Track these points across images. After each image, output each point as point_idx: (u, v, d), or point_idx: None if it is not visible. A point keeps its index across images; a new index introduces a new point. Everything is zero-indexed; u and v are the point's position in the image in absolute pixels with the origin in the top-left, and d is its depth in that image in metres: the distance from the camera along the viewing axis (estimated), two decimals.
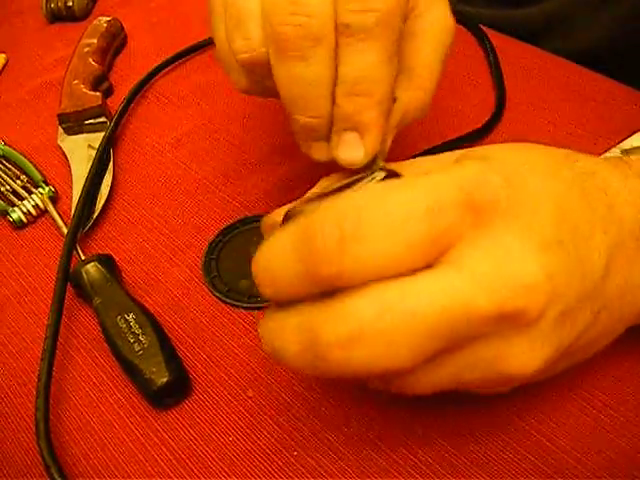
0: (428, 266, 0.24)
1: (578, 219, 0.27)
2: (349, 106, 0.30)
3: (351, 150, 0.31)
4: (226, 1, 0.33)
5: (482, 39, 0.55)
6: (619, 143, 0.42)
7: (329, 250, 0.23)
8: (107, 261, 0.41)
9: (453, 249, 0.24)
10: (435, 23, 0.35)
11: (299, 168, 0.47)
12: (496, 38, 0.55)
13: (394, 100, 0.32)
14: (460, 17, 0.56)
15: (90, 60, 0.57)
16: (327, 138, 0.32)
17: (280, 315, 0.26)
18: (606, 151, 0.42)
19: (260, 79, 0.33)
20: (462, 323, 0.23)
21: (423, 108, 0.34)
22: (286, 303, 0.26)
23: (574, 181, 0.28)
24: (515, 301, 0.24)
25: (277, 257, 0.25)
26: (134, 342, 0.36)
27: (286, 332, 0.26)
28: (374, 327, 0.23)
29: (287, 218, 0.30)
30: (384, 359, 0.24)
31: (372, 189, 0.27)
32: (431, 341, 0.24)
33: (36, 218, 0.47)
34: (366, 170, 0.31)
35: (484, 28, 0.56)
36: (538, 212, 0.26)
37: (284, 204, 0.32)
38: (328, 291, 0.24)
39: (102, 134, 0.50)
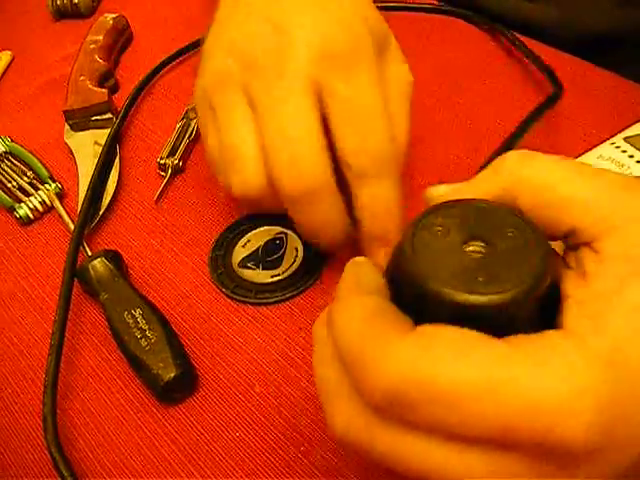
0: None
1: None
2: (377, 230, 0.34)
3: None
4: (220, 130, 0.35)
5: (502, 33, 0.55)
6: (622, 131, 0.42)
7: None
8: (114, 257, 0.41)
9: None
10: (400, 79, 0.37)
11: None
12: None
13: None
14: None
15: (96, 57, 0.57)
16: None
17: None
18: (609, 139, 0.42)
19: (254, 204, 0.36)
20: None
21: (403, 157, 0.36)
22: None
23: None
24: None
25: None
26: (141, 338, 0.36)
27: None
28: None
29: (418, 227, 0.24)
30: None
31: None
32: None
33: (43, 214, 0.47)
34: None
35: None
36: None
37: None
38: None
39: (108, 130, 0.50)
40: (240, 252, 0.42)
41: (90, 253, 0.42)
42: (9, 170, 0.50)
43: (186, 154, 0.49)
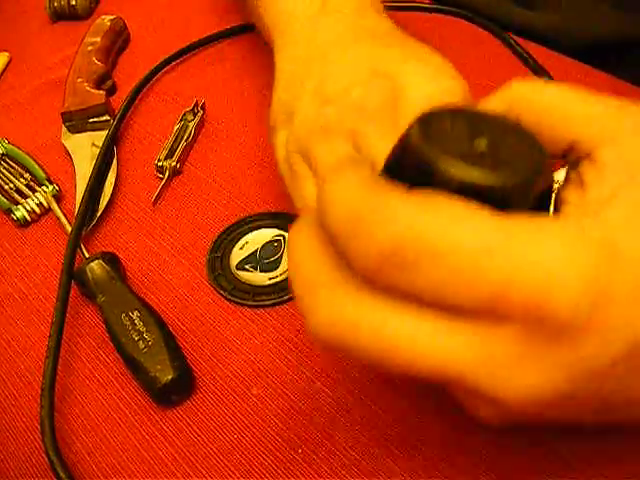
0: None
1: None
2: None
3: None
4: None
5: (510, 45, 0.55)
6: None
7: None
8: (111, 259, 0.41)
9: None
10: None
11: None
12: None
13: None
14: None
15: (94, 59, 0.57)
16: None
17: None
18: None
19: None
20: None
21: None
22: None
23: None
24: None
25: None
26: (138, 340, 0.36)
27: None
28: None
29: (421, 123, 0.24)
30: None
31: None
32: None
33: (40, 216, 0.47)
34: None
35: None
36: None
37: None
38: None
39: (106, 132, 0.50)
40: (238, 254, 0.42)
41: (87, 255, 0.42)
42: (6, 172, 0.50)
43: (183, 156, 0.49)
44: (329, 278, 0.22)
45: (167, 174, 0.47)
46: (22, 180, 0.49)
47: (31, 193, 0.48)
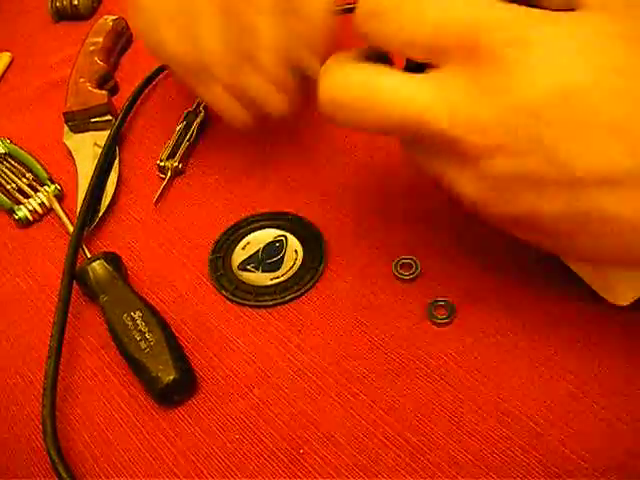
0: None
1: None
2: None
3: None
4: None
5: None
6: None
7: None
8: (113, 259, 0.41)
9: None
10: None
11: (304, 168, 0.47)
12: None
13: None
14: None
15: (96, 59, 0.57)
16: None
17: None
18: None
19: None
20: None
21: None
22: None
23: None
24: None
25: None
26: (140, 340, 0.36)
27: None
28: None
29: None
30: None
31: None
32: None
33: (42, 216, 0.47)
34: None
35: None
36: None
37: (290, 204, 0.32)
38: None
39: (108, 132, 0.51)
40: (240, 254, 0.42)
41: (89, 255, 0.42)
42: (8, 172, 0.50)
43: (185, 156, 0.49)
44: (343, 59, 0.30)
45: (169, 174, 0.47)
46: (24, 180, 0.49)
47: (33, 193, 0.48)
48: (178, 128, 0.50)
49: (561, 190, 0.25)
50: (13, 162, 0.51)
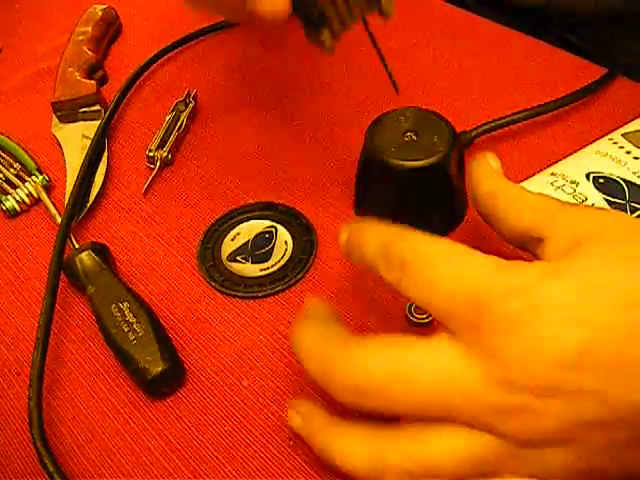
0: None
1: None
2: None
3: None
4: None
5: None
6: (621, 127, 0.42)
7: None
8: (101, 250, 0.40)
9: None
10: None
11: (296, 159, 0.47)
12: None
13: None
14: None
15: (85, 48, 0.56)
16: None
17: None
18: (605, 135, 0.42)
19: None
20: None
21: None
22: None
23: None
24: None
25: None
26: (128, 331, 0.35)
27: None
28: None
29: None
30: None
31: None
32: None
33: (30, 207, 0.47)
34: None
35: None
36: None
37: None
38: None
39: (96, 122, 0.50)
40: (229, 245, 0.41)
41: (77, 246, 0.41)
42: None
43: (175, 147, 0.49)
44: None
45: (158, 164, 0.47)
46: (12, 170, 0.48)
47: (21, 183, 0.47)
48: (167, 118, 0.50)
49: (619, 423, 0.25)
50: (1, 152, 0.50)
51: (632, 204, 0.37)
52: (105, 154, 0.48)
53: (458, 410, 0.26)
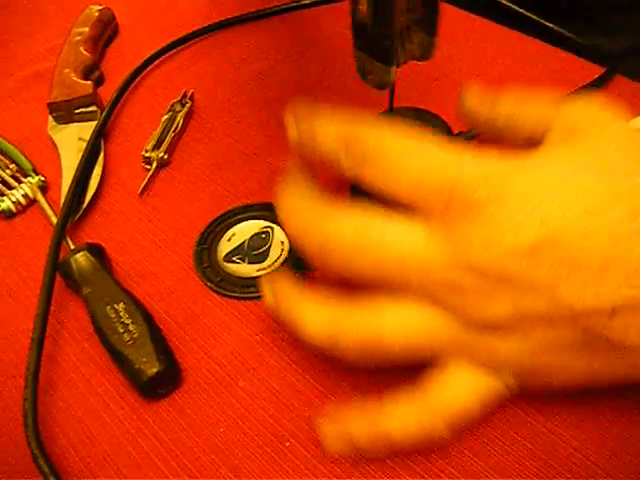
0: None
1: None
2: None
3: None
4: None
5: None
6: None
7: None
8: (97, 250, 0.40)
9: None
10: None
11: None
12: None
13: None
14: None
15: (81, 49, 0.56)
16: None
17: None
18: None
19: None
20: None
21: None
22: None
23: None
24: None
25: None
26: (124, 332, 0.35)
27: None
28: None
29: None
30: None
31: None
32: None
33: (25, 207, 0.47)
34: None
35: None
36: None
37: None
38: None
39: (93, 123, 0.50)
40: (225, 246, 0.41)
41: (73, 247, 0.41)
42: None
43: (171, 147, 0.48)
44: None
45: (154, 165, 0.47)
46: (7, 171, 0.48)
47: (17, 184, 0.47)
48: (164, 119, 0.50)
49: (566, 323, 0.26)
50: None
51: None
52: (101, 155, 0.48)
53: (415, 281, 0.28)
